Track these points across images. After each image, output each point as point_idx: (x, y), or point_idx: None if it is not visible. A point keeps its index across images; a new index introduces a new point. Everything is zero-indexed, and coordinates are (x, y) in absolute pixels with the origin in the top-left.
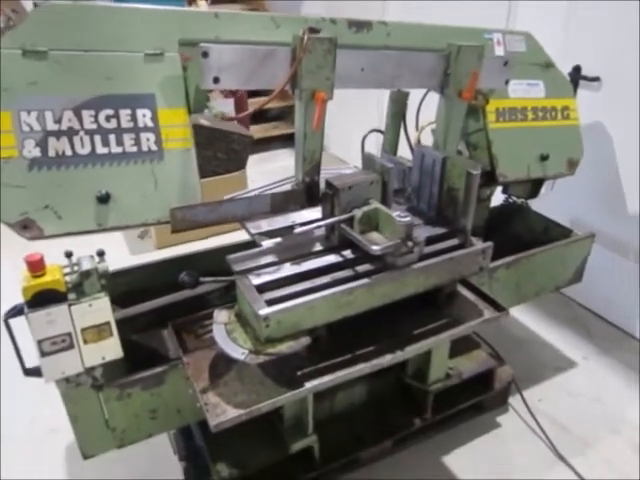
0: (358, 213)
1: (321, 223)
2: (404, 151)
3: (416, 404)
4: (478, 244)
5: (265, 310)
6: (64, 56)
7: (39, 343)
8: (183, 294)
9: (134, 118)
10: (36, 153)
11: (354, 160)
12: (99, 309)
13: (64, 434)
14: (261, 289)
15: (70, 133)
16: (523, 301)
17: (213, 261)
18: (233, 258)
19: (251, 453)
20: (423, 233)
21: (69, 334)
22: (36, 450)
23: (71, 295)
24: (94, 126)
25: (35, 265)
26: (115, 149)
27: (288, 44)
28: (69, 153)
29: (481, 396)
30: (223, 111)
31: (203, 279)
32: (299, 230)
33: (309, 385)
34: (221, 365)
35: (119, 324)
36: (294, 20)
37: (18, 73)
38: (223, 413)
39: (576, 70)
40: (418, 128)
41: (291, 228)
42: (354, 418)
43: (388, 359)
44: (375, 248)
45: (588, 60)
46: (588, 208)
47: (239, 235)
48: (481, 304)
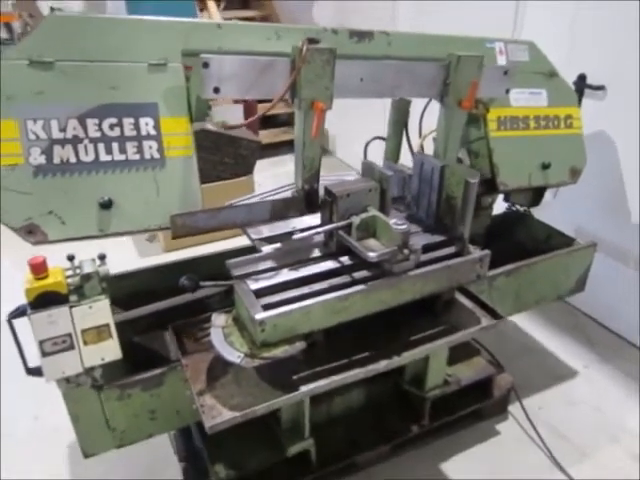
0: (356, 220)
1: (319, 229)
2: (407, 158)
3: (414, 410)
4: (475, 252)
5: (261, 314)
6: (70, 66)
7: (40, 343)
8: (184, 297)
9: (137, 126)
10: (41, 160)
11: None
12: (99, 311)
13: (66, 433)
14: (258, 294)
15: (75, 141)
16: (524, 309)
17: (216, 265)
18: (232, 263)
19: (249, 455)
20: (421, 241)
21: (70, 335)
22: (38, 449)
23: (72, 297)
24: (98, 134)
25: (38, 267)
26: (118, 157)
27: (289, 54)
28: (73, 160)
29: (480, 403)
30: (224, 119)
31: (203, 283)
32: (297, 236)
33: (304, 389)
34: (219, 368)
35: (121, 326)
36: (295, 30)
37: (25, 83)
38: (219, 415)
39: (581, 79)
40: (421, 136)
41: (291, 234)
42: (351, 422)
43: (384, 364)
44: (371, 255)
45: (593, 69)
46: (592, 217)
47: (246, 238)
48: (479, 312)
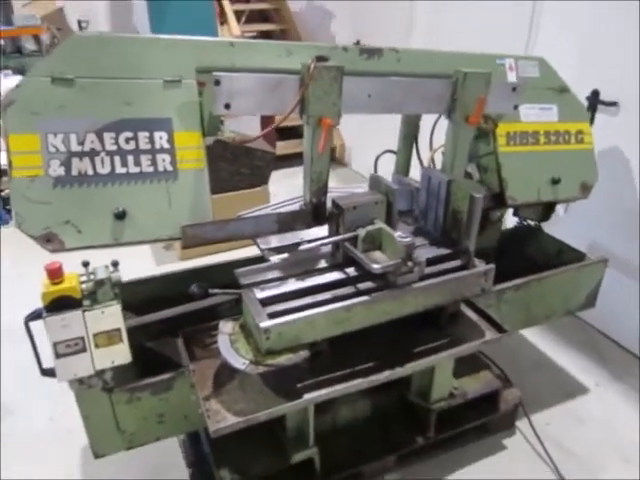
0: (362, 232)
1: (325, 241)
2: (417, 172)
3: (420, 422)
4: (480, 266)
5: (266, 323)
6: (89, 83)
7: (54, 345)
8: (196, 304)
9: (152, 140)
10: (60, 172)
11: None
12: (111, 316)
13: (79, 435)
14: (265, 302)
15: (92, 154)
16: (533, 324)
17: (228, 274)
18: (241, 272)
19: (254, 461)
20: (427, 253)
21: (82, 338)
22: (52, 448)
23: (86, 302)
24: (114, 147)
25: (54, 273)
26: (133, 169)
27: (299, 71)
28: (90, 172)
29: (486, 417)
30: (236, 131)
31: (212, 291)
32: (304, 247)
33: (307, 397)
34: (225, 374)
35: (134, 331)
36: (306, 48)
37: (47, 99)
38: (223, 420)
39: (594, 94)
40: (431, 149)
41: (299, 245)
42: (357, 433)
43: (386, 375)
44: (375, 267)
45: (606, 85)
46: (606, 233)
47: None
48: (484, 325)
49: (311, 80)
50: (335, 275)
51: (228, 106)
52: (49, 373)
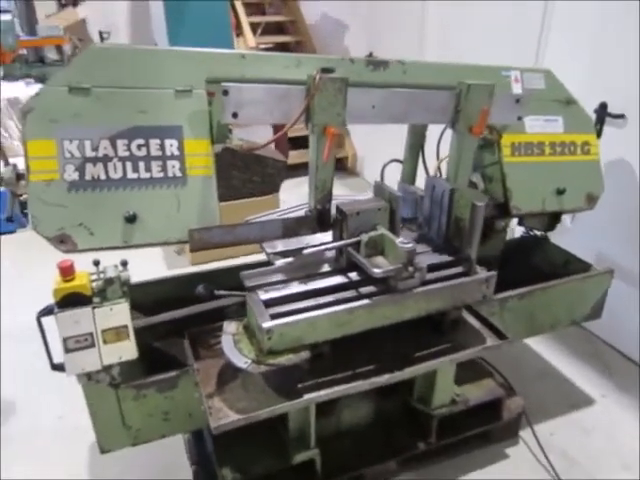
0: (364, 237)
1: (329, 246)
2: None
3: (422, 428)
4: (482, 273)
5: (268, 323)
6: (104, 92)
7: (64, 340)
8: (202, 306)
9: (162, 147)
10: (75, 177)
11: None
12: (119, 313)
13: (87, 432)
14: (268, 304)
15: (105, 160)
16: (537, 333)
17: (235, 277)
18: (246, 274)
19: (256, 461)
20: (429, 260)
21: (91, 334)
22: (61, 446)
23: (95, 299)
24: (127, 154)
25: (66, 270)
26: (144, 174)
27: (306, 82)
28: (103, 177)
29: (489, 425)
30: (245, 139)
31: (217, 292)
32: (307, 251)
33: (307, 397)
34: (228, 373)
35: (142, 331)
36: (314, 59)
37: (64, 107)
38: (225, 417)
39: (602, 107)
40: (438, 159)
41: (304, 249)
42: (360, 437)
43: (386, 378)
44: (377, 271)
45: (614, 97)
46: (613, 244)
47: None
48: (485, 332)
49: (316, 91)
50: (338, 279)
51: (236, 115)
52: (59, 368)
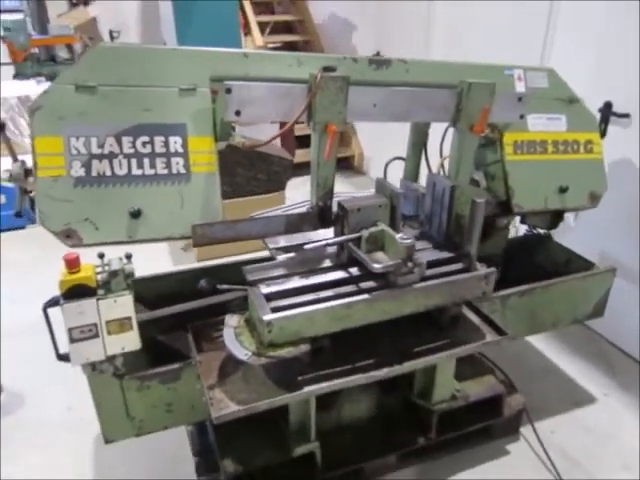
0: (365, 233)
1: (330, 241)
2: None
3: (422, 423)
4: (481, 269)
5: (269, 316)
6: (110, 91)
7: (70, 331)
8: (206, 300)
9: (167, 144)
10: (81, 173)
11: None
12: (123, 305)
13: (94, 424)
14: (269, 298)
15: (111, 156)
16: (539, 331)
17: (238, 272)
18: (248, 269)
19: (256, 453)
20: (430, 256)
21: (95, 325)
22: (69, 437)
23: (100, 291)
24: (132, 151)
25: (72, 262)
26: (148, 171)
27: (308, 81)
28: (109, 173)
29: (489, 421)
30: (246, 136)
31: (220, 286)
32: (308, 246)
33: (307, 389)
34: (230, 366)
35: (147, 324)
36: (316, 58)
37: (71, 104)
38: (225, 407)
39: (607, 106)
40: (441, 157)
41: (305, 245)
42: (360, 431)
43: (385, 372)
44: (376, 266)
45: (619, 97)
46: (616, 242)
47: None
48: (485, 328)
49: (318, 89)
50: (338, 274)
51: (238, 113)
52: (64, 358)
